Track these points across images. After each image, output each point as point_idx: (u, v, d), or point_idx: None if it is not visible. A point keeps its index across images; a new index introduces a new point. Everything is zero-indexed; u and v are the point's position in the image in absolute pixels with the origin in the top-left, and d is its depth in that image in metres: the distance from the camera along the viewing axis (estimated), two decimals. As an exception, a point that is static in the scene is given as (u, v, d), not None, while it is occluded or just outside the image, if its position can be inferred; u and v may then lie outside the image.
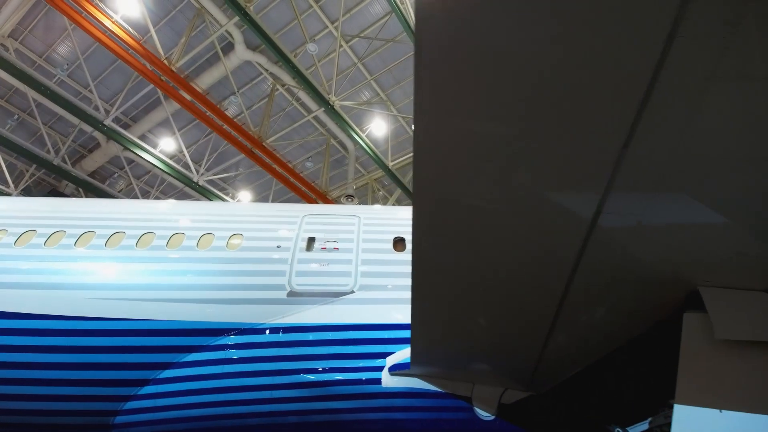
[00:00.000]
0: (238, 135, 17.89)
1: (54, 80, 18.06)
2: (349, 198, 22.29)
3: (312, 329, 4.83)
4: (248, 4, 14.57)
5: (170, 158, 20.23)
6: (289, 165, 20.40)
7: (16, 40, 18.00)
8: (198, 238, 5.54)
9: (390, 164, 20.76)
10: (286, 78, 19.93)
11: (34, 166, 20.48)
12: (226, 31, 17.59)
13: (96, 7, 14.32)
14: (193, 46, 17.74)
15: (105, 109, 18.15)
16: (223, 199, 21.72)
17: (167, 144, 21.19)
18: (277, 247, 5.48)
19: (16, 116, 19.19)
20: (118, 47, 14.94)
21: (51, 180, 22.30)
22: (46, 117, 19.91)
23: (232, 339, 4.87)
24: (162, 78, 15.71)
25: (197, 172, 20.45)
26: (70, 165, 20.14)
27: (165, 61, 15.54)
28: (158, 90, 19.04)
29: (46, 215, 5.96)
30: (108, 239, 5.49)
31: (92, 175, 21.95)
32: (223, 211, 6.53)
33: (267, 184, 25.29)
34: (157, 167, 19.07)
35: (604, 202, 2.16)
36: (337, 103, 17.61)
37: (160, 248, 5.43)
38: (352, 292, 5.07)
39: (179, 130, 20.45)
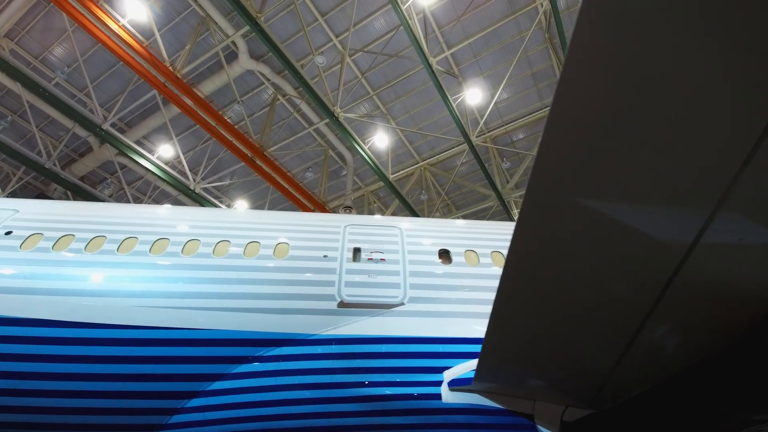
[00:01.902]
0: (240, 143, 17.77)
1: (50, 83, 17.58)
2: (348, 209, 22.30)
3: (366, 341, 4.76)
4: (258, 15, 14.66)
5: (166, 165, 19.88)
6: (289, 174, 20.33)
7: (12, 40, 17.53)
8: (244, 246, 5.46)
9: (390, 176, 20.94)
10: (288, 89, 20.02)
11: (22, 169, 19.77)
12: (231, 40, 17.63)
13: (103, 10, 14.15)
14: (196, 53, 17.68)
15: (101, 113, 17.78)
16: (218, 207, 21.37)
17: (162, 150, 20.81)
18: (324, 256, 5.46)
19: (9, 118, 18.51)
20: (123, 51, 14.75)
21: (38, 184, 21.50)
22: (36, 120, 19.32)
23: (284, 350, 4.76)
24: (166, 84, 15.54)
25: (194, 179, 20.13)
26: (60, 169, 19.50)
27: (170, 67, 15.40)
28: (156, 96, 18.85)
29: (84, 219, 5.77)
30: (152, 246, 5.36)
31: (81, 179, 21.29)
32: (265, 219, 6.42)
33: (262, 193, 25.07)
34: (155, 173, 18.69)
35: (713, 218, 2.31)
36: (341, 114, 17.75)
37: (206, 256, 5.30)
38: (402, 304, 5.04)
39: (175, 137, 20.15)
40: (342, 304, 5.01)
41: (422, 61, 15.85)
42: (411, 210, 22.25)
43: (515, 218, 23.43)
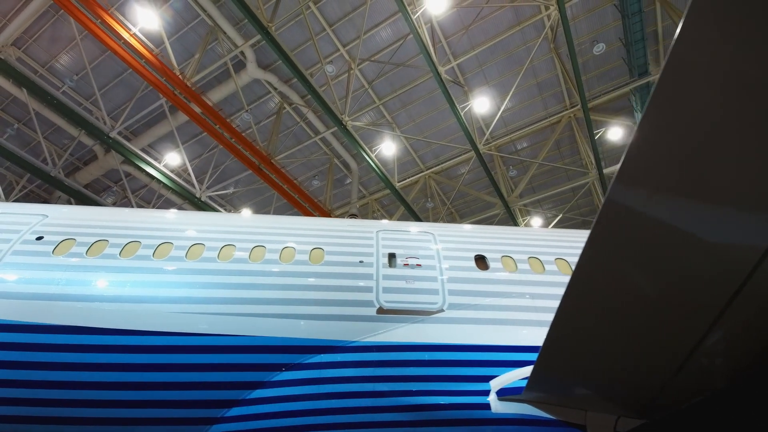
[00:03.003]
0: (248, 151, 17.77)
1: (57, 91, 17.54)
2: (353, 217, 22.29)
3: (408, 348, 4.65)
4: (270, 24, 14.78)
5: (171, 173, 19.82)
6: (295, 182, 20.33)
7: (20, 48, 17.51)
8: (279, 251, 5.40)
9: (397, 184, 20.99)
10: (295, 97, 20.12)
11: (26, 178, 19.61)
12: (240, 50, 17.75)
13: (115, 19, 14.20)
14: (204, 62, 17.76)
15: (106, 121, 17.74)
16: (223, 216, 21.27)
17: (168, 159, 20.76)
18: (360, 262, 5.42)
19: (15, 126, 18.40)
20: (134, 60, 14.79)
21: (41, 192, 21.31)
22: (41, 128, 19.23)
23: (325, 357, 4.64)
24: (175, 92, 15.57)
25: (199, 187, 20.06)
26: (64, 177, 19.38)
27: (180, 76, 15.44)
28: (163, 104, 18.87)
29: (116, 224, 5.67)
30: (187, 251, 5.28)
31: (85, 188, 21.14)
32: (296, 224, 6.36)
33: (266, 201, 25.02)
34: (161, 182, 18.60)
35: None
36: (349, 123, 17.84)
37: (242, 261, 5.23)
38: (442, 310, 4.97)
39: (181, 146, 20.13)
40: (381, 311, 4.94)
41: (431, 70, 16.01)
42: (416, 218, 22.26)
43: (521, 226, 23.42)
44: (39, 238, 5.22)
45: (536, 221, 24.72)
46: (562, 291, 5.15)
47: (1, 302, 4.60)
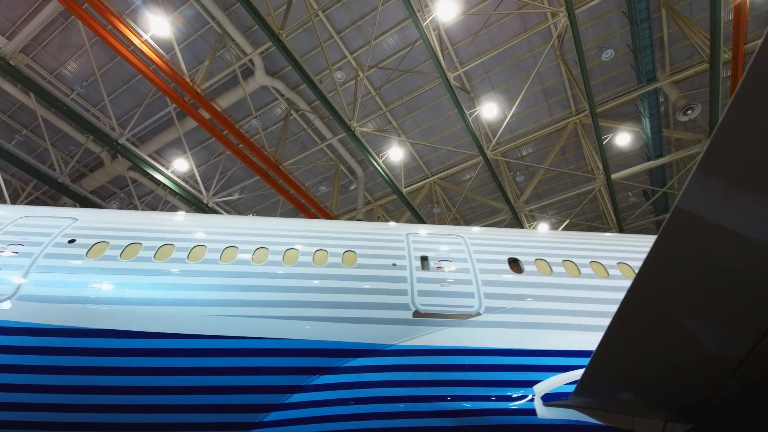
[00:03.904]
0: (257, 157, 17.78)
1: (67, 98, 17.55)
2: (360, 223, 22.22)
3: (447, 353, 4.58)
4: (281, 32, 14.87)
5: (179, 179, 19.79)
6: (303, 188, 20.33)
7: (28, 55, 17.54)
8: (312, 254, 5.35)
9: (404, 190, 21.01)
10: (302, 104, 20.20)
11: (32, 184, 19.52)
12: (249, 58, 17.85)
13: (127, 26, 14.26)
14: (212, 69, 17.83)
15: (115, 128, 17.74)
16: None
17: (175, 165, 20.75)
18: (393, 265, 5.39)
19: (23, 132, 18.37)
20: (145, 66, 14.83)
21: (46, 199, 21.22)
22: (48, 134, 19.21)
23: (363, 361, 4.56)
24: (185, 98, 15.60)
25: (206, 193, 20.03)
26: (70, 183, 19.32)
27: (190, 82, 15.49)
28: (171, 111, 18.91)
29: (147, 228, 5.63)
30: (221, 254, 5.24)
31: (91, 194, 21.07)
32: (326, 228, 6.31)
33: (272, 207, 25.00)
34: (168, 188, 18.56)
35: None
36: (357, 129, 17.90)
37: (276, 264, 5.19)
38: (479, 314, 4.92)
39: (189, 152, 20.12)
40: (417, 314, 4.89)
41: (440, 76, 16.12)
42: (422, 223, 22.27)
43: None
44: (71, 241, 5.16)
45: (542, 227, 24.75)
46: (599, 294, 5.20)
47: (36, 306, 4.53)
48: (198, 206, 19.73)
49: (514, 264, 5.50)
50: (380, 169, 19.33)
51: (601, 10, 16.70)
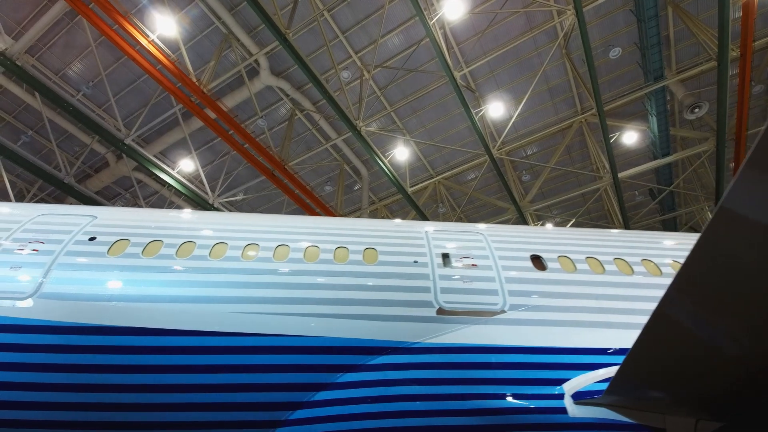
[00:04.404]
0: (262, 157, 17.75)
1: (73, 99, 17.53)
2: (365, 223, 22.17)
3: (473, 351, 4.52)
4: (287, 31, 14.86)
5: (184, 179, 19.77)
6: (308, 188, 20.30)
7: (33, 56, 17.51)
8: (332, 251, 5.31)
9: (409, 189, 20.98)
10: (307, 104, 20.18)
11: (37, 185, 19.49)
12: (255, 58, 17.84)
13: (134, 26, 14.23)
14: (218, 69, 17.81)
15: (121, 129, 17.72)
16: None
17: (180, 165, 20.73)
18: (414, 262, 5.34)
19: (29, 133, 18.34)
20: (151, 66, 14.81)
21: (51, 200, 21.18)
22: (53, 135, 19.19)
23: (389, 359, 4.49)
24: (192, 98, 15.58)
25: (211, 194, 20.00)
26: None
27: (197, 82, 15.47)
28: (176, 111, 18.89)
29: (168, 225, 5.58)
30: (243, 251, 5.19)
31: (96, 195, 21.05)
32: (345, 225, 6.28)
33: (276, 208, 24.96)
34: (173, 188, 18.53)
35: None
36: (363, 128, 17.87)
37: (298, 261, 5.14)
38: (503, 311, 4.85)
39: (194, 152, 20.10)
40: (441, 311, 4.85)
41: (447, 74, 16.09)
42: (428, 223, 22.20)
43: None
44: (92, 239, 5.11)
45: (548, 227, 24.72)
46: (625, 291, 5.15)
47: (58, 303, 4.49)
48: (203, 207, 19.70)
49: (537, 261, 5.45)
50: (386, 169, 19.30)
51: (607, 8, 16.68)
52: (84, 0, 13.62)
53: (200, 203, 19.50)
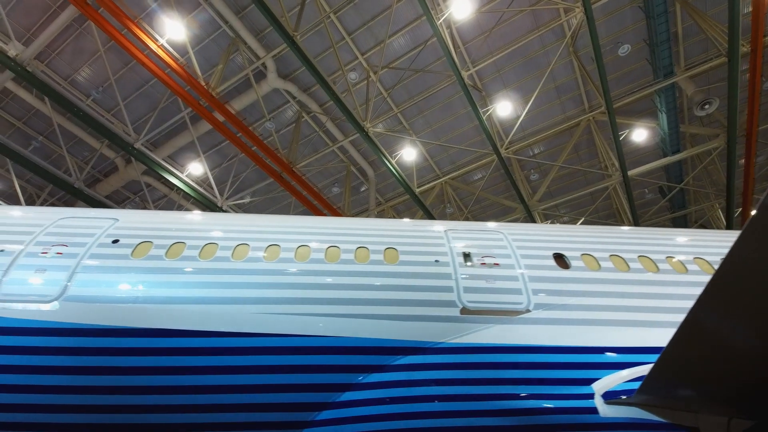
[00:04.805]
0: (271, 159, 17.80)
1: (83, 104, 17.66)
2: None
3: (499, 350, 4.48)
4: (295, 33, 14.89)
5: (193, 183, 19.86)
6: (315, 189, 20.33)
7: (42, 62, 17.66)
8: (353, 251, 5.29)
9: (416, 190, 20.96)
10: (314, 106, 20.21)
11: (47, 191, 19.63)
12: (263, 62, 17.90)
13: (143, 30, 14.32)
14: (225, 73, 17.88)
15: (131, 133, 17.83)
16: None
17: (190, 169, 20.83)
18: (436, 261, 5.32)
19: (39, 139, 18.49)
20: (160, 70, 14.89)
21: (61, 205, 21.33)
22: (63, 140, 19.32)
23: (414, 359, 4.47)
24: (201, 102, 15.65)
25: (220, 196, 20.08)
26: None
27: (205, 86, 15.54)
28: (184, 115, 18.98)
29: (190, 227, 5.61)
30: (264, 252, 5.19)
31: (105, 199, 21.17)
32: (364, 225, 6.26)
33: (282, 210, 25.01)
34: (182, 191, 18.61)
35: None
36: (371, 129, 17.87)
37: (319, 261, 5.13)
38: (528, 311, 4.80)
39: (202, 155, 20.18)
40: (465, 311, 4.82)
41: (454, 73, 16.06)
42: (436, 224, 22.15)
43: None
44: (115, 242, 5.13)
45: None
46: (651, 289, 5.09)
47: (84, 306, 4.49)
48: (212, 209, 19.77)
49: (560, 259, 5.40)
50: (393, 170, 19.29)
51: (615, 5, 16.60)
52: (93, 5, 13.73)
53: (209, 206, 19.57)
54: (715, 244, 5.81)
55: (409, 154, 21.08)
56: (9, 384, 4.24)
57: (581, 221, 23.09)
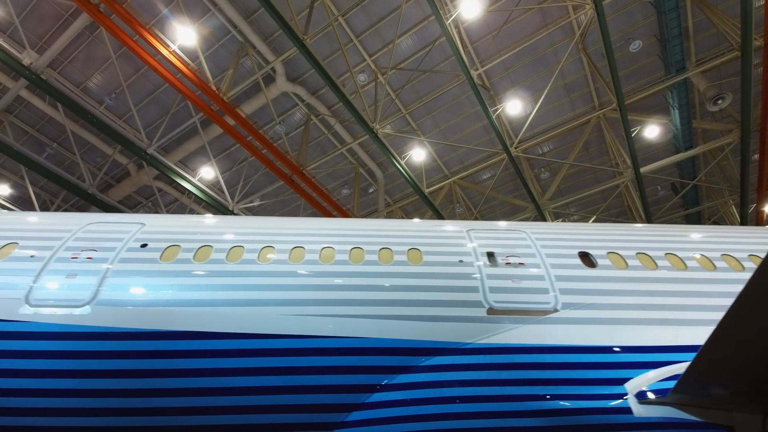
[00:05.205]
0: (281, 162, 17.89)
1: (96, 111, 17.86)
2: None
3: (530, 351, 4.46)
4: (305, 37, 14.97)
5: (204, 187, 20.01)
6: (325, 191, 20.39)
7: (55, 70, 17.90)
8: (376, 252, 5.30)
9: (426, 190, 20.94)
10: (322, 109, 20.28)
11: (60, 197, 19.87)
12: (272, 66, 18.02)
13: (155, 37, 14.47)
14: (235, 77, 18.00)
15: (143, 138, 18.01)
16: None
17: (202, 173, 21.00)
18: (460, 261, 5.32)
19: (54, 145, 18.73)
20: (172, 76, 15.03)
21: (74, 211, 21.58)
22: (76, 147, 19.56)
23: (441, 360, 4.46)
24: (212, 107, 15.78)
25: (232, 200, 20.20)
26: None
27: (217, 91, 15.66)
28: (195, 120, 19.13)
29: (216, 230, 5.67)
30: (289, 254, 5.22)
31: (118, 204, 21.40)
32: (384, 226, 6.26)
33: (291, 213, 25.10)
34: (194, 195, 18.76)
35: None
36: (380, 130, 17.90)
37: (343, 263, 5.16)
38: (556, 310, 4.77)
39: (213, 159, 20.33)
40: (491, 311, 4.80)
41: (464, 73, 16.04)
42: (445, 224, 22.10)
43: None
44: (143, 246, 5.18)
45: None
46: (680, 287, 5.04)
47: (116, 310, 4.54)
48: (224, 213, 19.90)
49: (585, 258, 5.36)
50: (403, 171, 19.29)
51: (624, 1, 16.50)
52: (106, 12, 13.89)
53: (220, 210, 19.70)
54: (742, 241, 5.75)
55: (418, 154, 21.08)
56: (44, 388, 4.29)
57: (592, 219, 22.93)
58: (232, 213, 19.77)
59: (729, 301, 4.87)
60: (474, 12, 16.04)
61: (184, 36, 15.67)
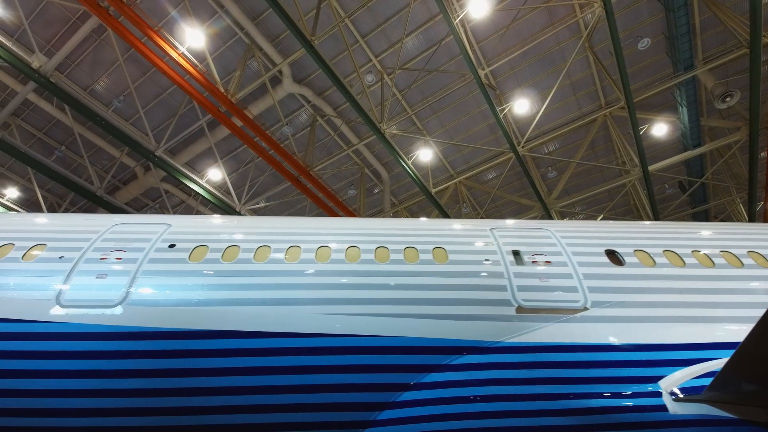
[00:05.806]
0: (288, 163, 17.91)
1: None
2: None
3: (561, 349, 4.44)
4: (312, 38, 14.99)
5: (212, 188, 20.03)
6: (331, 191, 20.41)
7: (63, 73, 17.94)
8: (401, 251, 5.30)
9: (433, 190, 20.94)
10: (328, 110, 20.30)
11: (68, 200, 19.90)
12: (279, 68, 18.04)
13: (164, 39, 14.50)
14: (242, 79, 18.03)
15: (151, 141, 18.04)
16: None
17: (209, 175, 21.03)
18: (485, 260, 5.32)
19: (63, 147, 18.77)
20: (181, 78, 15.06)
21: (82, 213, 21.61)
22: (84, 149, 19.61)
23: (472, 358, 4.46)
24: (220, 108, 15.81)
25: (239, 201, 20.22)
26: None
27: (225, 93, 15.69)
28: (202, 122, 19.17)
29: (241, 230, 5.68)
30: (315, 253, 5.23)
31: (126, 206, 21.43)
32: (407, 226, 6.25)
33: (299, 213, 25.10)
34: (200, 197, 18.78)
35: None
36: (387, 131, 17.91)
37: (369, 262, 5.15)
38: (586, 308, 4.74)
39: (220, 161, 20.35)
40: (520, 309, 4.80)
41: (471, 71, 16.05)
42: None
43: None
44: (171, 246, 5.19)
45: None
46: (709, 284, 5.04)
47: (147, 310, 4.55)
48: (230, 214, 19.92)
49: (612, 256, 5.36)
50: (410, 171, 19.30)
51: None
52: (114, 15, 13.93)
53: (228, 211, 19.72)
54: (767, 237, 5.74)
55: (424, 154, 21.09)
56: (77, 389, 4.30)
57: (600, 218, 22.91)
58: (239, 214, 19.79)
59: (758, 298, 4.85)
60: (481, 11, 16.05)
61: (191, 38, 15.70)
